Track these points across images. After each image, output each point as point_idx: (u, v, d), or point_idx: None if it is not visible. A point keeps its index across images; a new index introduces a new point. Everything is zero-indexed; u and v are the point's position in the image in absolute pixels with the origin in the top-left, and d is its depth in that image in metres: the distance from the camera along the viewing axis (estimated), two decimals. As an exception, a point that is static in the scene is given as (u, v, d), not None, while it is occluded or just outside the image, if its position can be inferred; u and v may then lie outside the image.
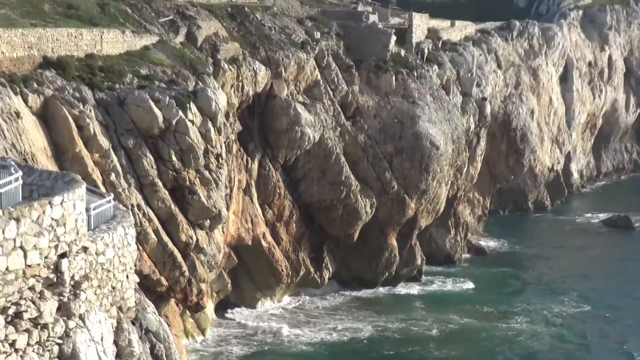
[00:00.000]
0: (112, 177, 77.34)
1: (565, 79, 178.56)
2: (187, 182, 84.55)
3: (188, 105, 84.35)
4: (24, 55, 79.87)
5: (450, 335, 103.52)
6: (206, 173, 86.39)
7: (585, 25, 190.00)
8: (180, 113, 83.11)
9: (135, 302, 36.28)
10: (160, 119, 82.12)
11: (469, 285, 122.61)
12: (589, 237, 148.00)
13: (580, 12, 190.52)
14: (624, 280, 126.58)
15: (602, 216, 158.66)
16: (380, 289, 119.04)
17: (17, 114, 69.12)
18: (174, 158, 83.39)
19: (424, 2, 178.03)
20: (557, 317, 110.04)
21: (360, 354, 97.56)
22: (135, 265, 33.42)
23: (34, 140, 70.97)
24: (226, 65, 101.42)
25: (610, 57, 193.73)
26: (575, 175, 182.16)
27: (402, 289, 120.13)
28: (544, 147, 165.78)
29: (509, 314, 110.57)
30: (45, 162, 70.72)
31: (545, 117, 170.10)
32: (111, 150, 78.45)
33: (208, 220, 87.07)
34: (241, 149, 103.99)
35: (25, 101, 72.64)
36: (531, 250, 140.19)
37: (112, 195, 36.57)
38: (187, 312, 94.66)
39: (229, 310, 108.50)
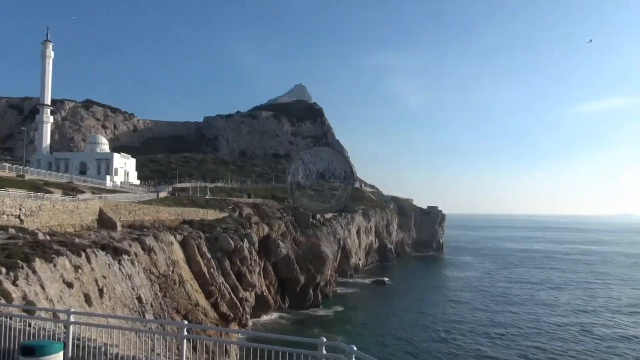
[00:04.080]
0: (211, 270, 53.23)
1: (358, 233, 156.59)
2: (242, 272, 60.41)
3: (243, 239, 61.31)
4: (175, 218, 57.82)
5: (338, 320, 77.45)
6: (250, 268, 62.38)
7: (364, 215, 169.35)
8: (240, 242, 60.00)
9: None
10: (232, 245, 58.55)
11: (338, 308, 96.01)
12: (370, 287, 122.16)
13: (361, 210, 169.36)
14: (384, 306, 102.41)
15: (372, 279, 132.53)
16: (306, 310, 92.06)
17: (171, 243, 47.31)
18: (237, 261, 59.51)
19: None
20: (360, 324, 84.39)
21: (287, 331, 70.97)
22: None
23: (178, 254, 48.11)
24: (254, 225, 78.49)
25: (372, 225, 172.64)
26: (360, 264, 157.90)
27: (313, 310, 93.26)
28: (352, 257, 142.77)
29: (345, 319, 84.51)
30: (183, 264, 47.44)
31: (353, 247, 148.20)
32: (211, 259, 54.43)
33: (250, 287, 62.62)
34: (260, 257, 79.21)
35: (175, 237, 49.92)
36: (353, 291, 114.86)
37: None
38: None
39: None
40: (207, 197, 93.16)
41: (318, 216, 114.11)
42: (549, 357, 61.16)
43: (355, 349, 8.69)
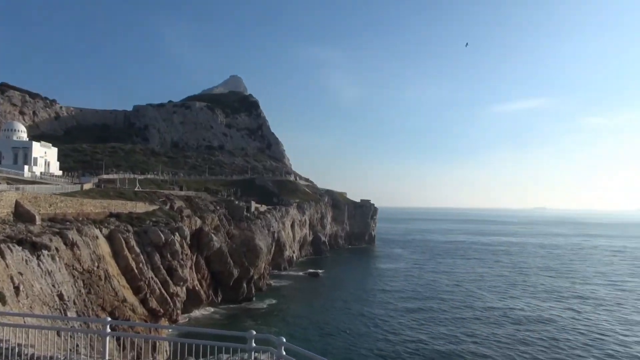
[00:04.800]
0: (140, 265, 51.29)
1: (293, 226, 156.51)
2: (173, 266, 58.50)
3: (174, 233, 59.23)
4: (101, 211, 54.70)
5: (272, 312, 78.10)
6: (181, 262, 60.59)
7: (298, 209, 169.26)
8: (171, 236, 57.90)
9: None
10: (163, 239, 56.57)
11: (272, 301, 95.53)
12: (304, 280, 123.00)
13: (296, 203, 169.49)
14: (318, 298, 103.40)
15: (306, 272, 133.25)
16: (239, 304, 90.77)
17: (97, 237, 45.00)
18: (168, 256, 57.49)
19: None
20: (298, 316, 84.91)
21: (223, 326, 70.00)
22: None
23: (104, 248, 45.96)
24: (185, 218, 75.62)
25: (306, 219, 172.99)
26: (294, 257, 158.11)
27: (247, 303, 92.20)
28: (286, 250, 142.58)
29: (279, 312, 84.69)
30: (109, 259, 45.30)
31: (287, 240, 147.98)
32: (140, 253, 52.41)
33: (181, 282, 60.77)
34: (192, 251, 76.99)
35: (101, 231, 47.47)
36: (287, 283, 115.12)
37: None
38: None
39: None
40: (136, 189, 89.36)
41: (252, 209, 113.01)
42: (475, 341, 64.68)
43: (284, 340, 8.69)
